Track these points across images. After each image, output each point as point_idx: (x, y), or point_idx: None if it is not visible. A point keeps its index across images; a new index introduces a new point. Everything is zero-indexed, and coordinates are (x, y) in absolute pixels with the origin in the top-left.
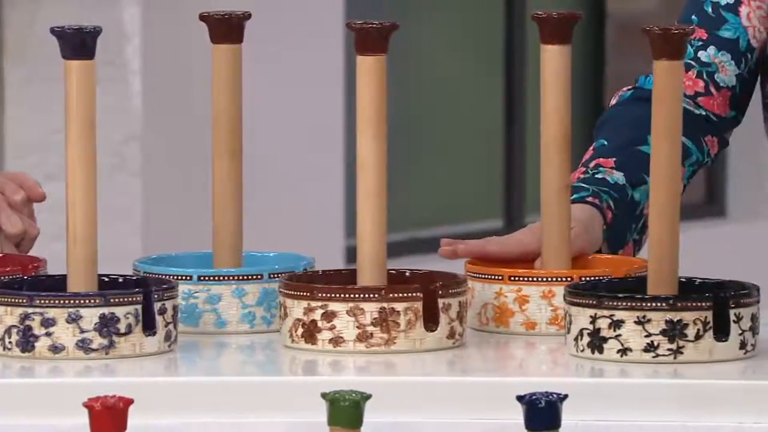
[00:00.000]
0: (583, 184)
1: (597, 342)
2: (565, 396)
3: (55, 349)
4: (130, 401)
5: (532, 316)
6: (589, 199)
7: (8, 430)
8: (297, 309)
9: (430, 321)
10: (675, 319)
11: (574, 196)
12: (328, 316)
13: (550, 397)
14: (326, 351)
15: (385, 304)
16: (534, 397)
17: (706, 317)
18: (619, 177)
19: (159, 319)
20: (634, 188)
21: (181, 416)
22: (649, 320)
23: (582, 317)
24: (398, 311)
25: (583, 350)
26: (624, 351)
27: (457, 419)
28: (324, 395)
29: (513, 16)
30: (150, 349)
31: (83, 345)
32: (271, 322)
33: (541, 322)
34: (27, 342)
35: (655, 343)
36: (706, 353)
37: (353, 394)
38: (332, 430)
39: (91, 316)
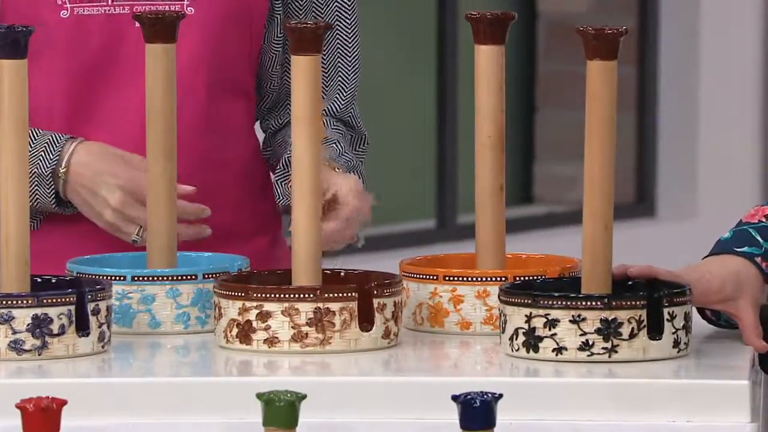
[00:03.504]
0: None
1: (532, 341)
2: (500, 395)
3: None
4: (63, 402)
5: (467, 316)
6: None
7: None
8: (232, 309)
9: (366, 321)
10: (610, 318)
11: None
12: (263, 316)
13: (485, 396)
14: (261, 351)
15: (320, 304)
16: (469, 396)
17: (640, 316)
18: None
19: (92, 319)
20: None
21: (115, 417)
22: (584, 319)
23: (517, 316)
24: (333, 311)
25: (518, 349)
26: (559, 350)
27: (392, 419)
28: (259, 396)
29: (445, 15)
30: (83, 349)
31: (16, 346)
32: (206, 323)
33: (476, 322)
34: None
35: (590, 342)
36: (640, 352)
37: (288, 395)
38: (267, 431)
39: (23, 316)
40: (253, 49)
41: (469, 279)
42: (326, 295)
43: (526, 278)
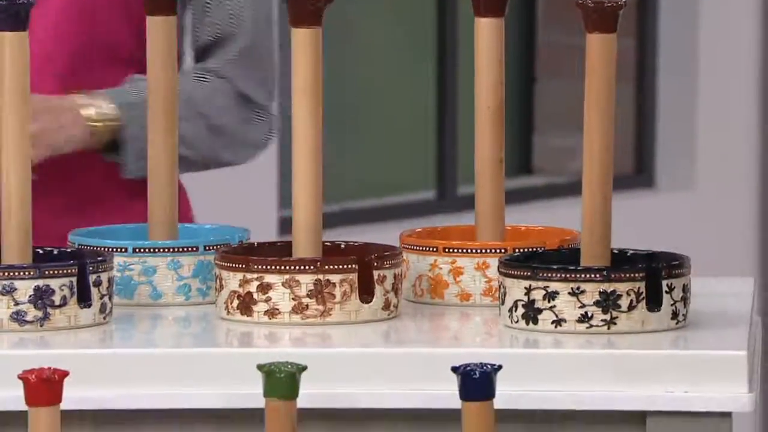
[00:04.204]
0: None
1: (531, 313)
2: (500, 367)
3: None
4: (65, 373)
5: (466, 288)
6: None
7: None
8: (233, 281)
9: (366, 292)
10: (608, 290)
11: None
12: (264, 288)
13: (485, 368)
14: (262, 323)
15: (320, 276)
16: (468, 368)
17: (639, 288)
18: None
19: (94, 291)
20: None
21: (117, 388)
22: (583, 291)
23: (516, 289)
24: (334, 283)
25: (517, 321)
26: (558, 322)
27: (392, 390)
28: (260, 367)
29: None
30: (85, 321)
31: (18, 317)
32: (207, 294)
33: (476, 294)
34: None
35: (589, 314)
36: (639, 323)
37: (289, 366)
38: (268, 402)
39: (25, 288)
40: (133, 11)
41: (469, 251)
42: (326, 267)
43: (526, 250)
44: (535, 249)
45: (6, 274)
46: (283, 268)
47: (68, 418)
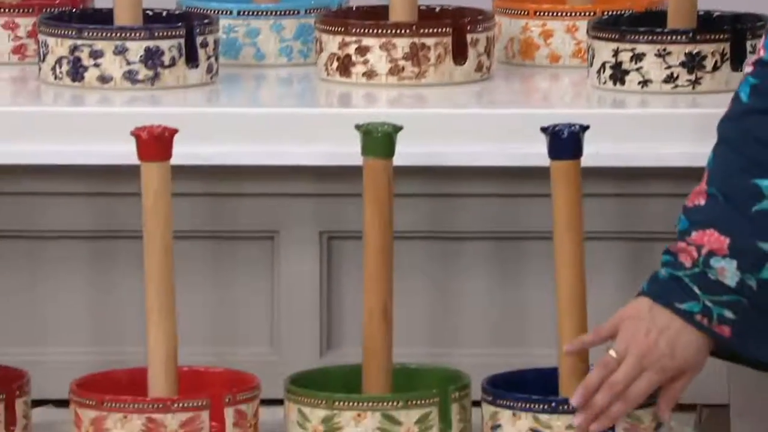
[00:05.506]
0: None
1: (619, 74)
2: (587, 126)
3: (104, 79)
4: (174, 131)
5: (556, 50)
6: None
7: (60, 156)
8: (332, 44)
9: (459, 55)
10: (694, 51)
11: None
12: (362, 50)
13: (573, 127)
14: (360, 84)
15: (416, 39)
16: (557, 127)
17: (723, 49)
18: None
19: (201, 51)
20: None
21: (222, 145)
22: (669, 53)
23: (605, 50)
24: (428, 46)
25: (605, 82)
26: (645, 83)
27: (484, 149)
28: (358, 127)
29: None
30: (193, 80)
31: (130, 76)
32: (307, 56)
33: (565, 55)
34: (77, 72)
35: (675, 75)
36: (723, 83)
37: (386, 126)
38: (366, 160)
39: (136, 48)
40: None
41: (559, 14)
42: (422, 30)
43: (614, 13)
44: (623, 12)
45: (118, 35)
46: (380, 31)
47: (178, 172)
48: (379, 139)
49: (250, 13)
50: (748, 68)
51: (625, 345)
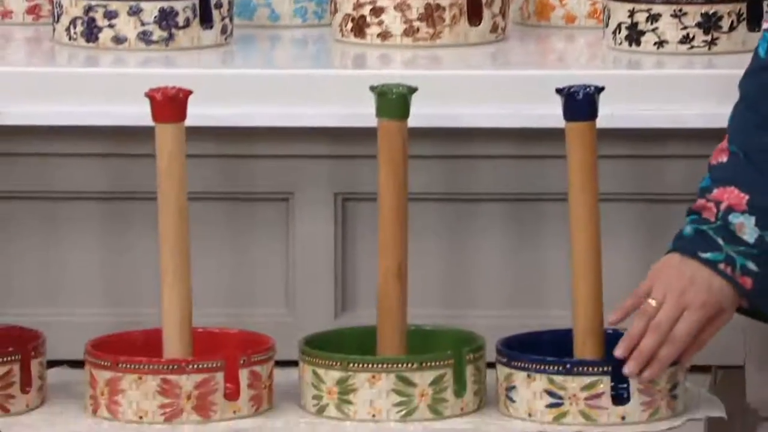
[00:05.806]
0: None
1: (634, 35)
2: (602, 88)
3: (118, 40)
4: (189, 92)
5: (572, 10)
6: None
7: (75, 117)
8: (347, 4)
9: (474, 16)
10: (710, 12)
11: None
12: (377, 11)
13: (588, 89)
14: (374, 45)
15: (430, 0)
16: (572, 89)
17: (739, 9)
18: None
19: (215, 12)
20: None
21: (237, 107)
22: (685, 13)
23: (620, 11)
24: (443, 6)
25: (621, 43)
26: (660, 43)
27: (499, 110)
28: (372, 88)
29: None
30: (207, 41)
31: (144, 37)
32: (322, 17)
33: (581, 16)
34: (91, 33)
35: (691, 35)
36: (739, 44)
37: (400, 87)
38: (380, 121)
39: (151, 9)
40: None
41: None
42: None
43: None
44: None
45: None
46: None
47: (192, 134)
48: (394, 101)
49: None
50: (766, 24)
51: (663, 290)
